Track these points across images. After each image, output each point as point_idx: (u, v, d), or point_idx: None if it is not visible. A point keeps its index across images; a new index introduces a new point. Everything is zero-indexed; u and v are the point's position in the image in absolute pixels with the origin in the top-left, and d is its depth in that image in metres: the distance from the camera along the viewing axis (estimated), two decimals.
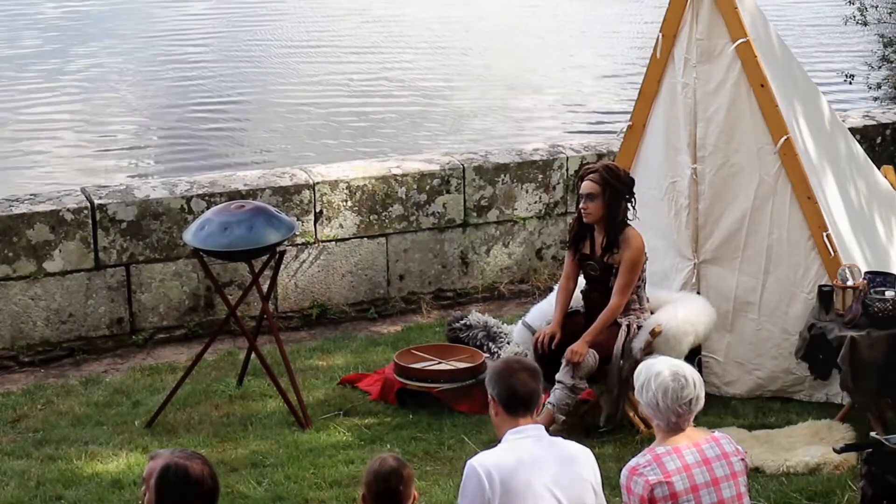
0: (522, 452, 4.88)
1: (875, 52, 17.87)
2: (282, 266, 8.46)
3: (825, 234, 7.71)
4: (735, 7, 7.82)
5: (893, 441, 5.55)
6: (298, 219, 9.26)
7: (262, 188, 9.34)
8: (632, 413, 7.50)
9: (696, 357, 7.86)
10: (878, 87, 17.06)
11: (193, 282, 9.23)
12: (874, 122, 11.21)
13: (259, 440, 7.53)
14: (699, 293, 7.95)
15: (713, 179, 7.95)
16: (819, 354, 7.40)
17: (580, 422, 7.51)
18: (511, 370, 5.01)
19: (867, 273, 7.58)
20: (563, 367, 7.37)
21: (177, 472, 4.28)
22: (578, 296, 7.74)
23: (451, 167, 9.89)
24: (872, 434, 5.96)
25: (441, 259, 9.90)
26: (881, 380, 7.20)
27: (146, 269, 9.11)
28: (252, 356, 8.14)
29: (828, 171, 8.06)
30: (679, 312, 7.55)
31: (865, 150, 8.88)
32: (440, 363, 8.19)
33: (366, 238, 9.64)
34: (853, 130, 9.86)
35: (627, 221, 7.51)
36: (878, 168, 8.70)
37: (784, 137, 7.77)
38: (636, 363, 6.46)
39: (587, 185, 7.48)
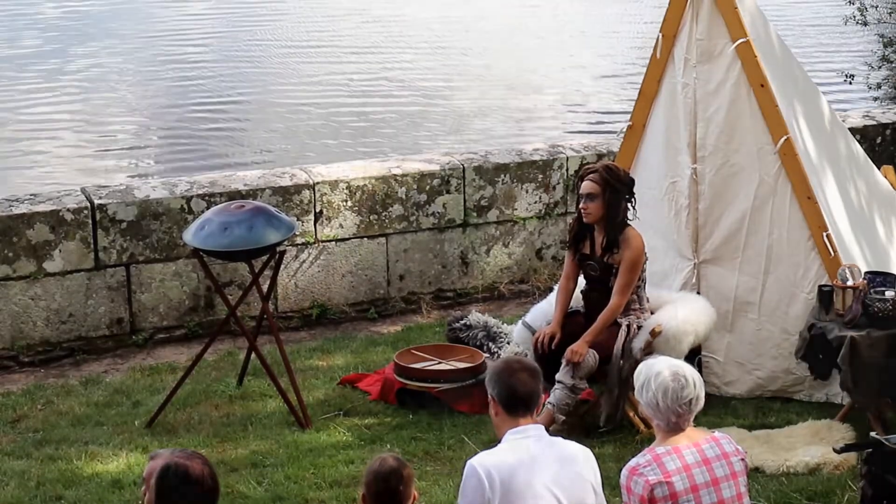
0: (522, 452, 4.88)
1: (875, 52, 17.86)
2: (282, 266, 8.46)
3: (825, 234, 7.71)
4: (735, 7, 7.81)
5: (893, 441, 5.55)
6: (298, 219, 9.26)
7: (262, 188, 9.34)
8: (632, 413, 7.49)
9: (696, 357, 7.86)
10: (878, 87, 17.05)
11: (193, 282, 9.23)
12: (874, 122, 11.21)
13: (259, 440, 7.53)
14: (699, 293, 7.95)
15: (713, 179, 7.95)
16: (819, 354, 7.41)
17: (580, 422, 7.50)
18: (511, 370, 5.01)
19: (867, 273, 7.58)
20: (563, 367, 7.36)
21: (177, 472, 4.28)
22: (578, 296, 7.74)
23: (451, 167, 9.89)
24: (872, 434, 5.97)
25: (441, 259, 9.90)
26: (881, 380, 7.20)
27: (146, 269, 9.11)
28: (252, 356, 8.14)
29: (828, 171, 8.06)
30: (679, 312, 7.54)
31: (865, 150, 8.87)
32: (440, 363, 8.19)
33: (366, 238, 9.64)
34: (853, 130, 9.85)
35: (627, 221, 7.51)
36: (878, 168, 8.70)
37: (784, 137, 7.77)
38: (636, 363, 6.46)
39: (587, 185, 7.48)
